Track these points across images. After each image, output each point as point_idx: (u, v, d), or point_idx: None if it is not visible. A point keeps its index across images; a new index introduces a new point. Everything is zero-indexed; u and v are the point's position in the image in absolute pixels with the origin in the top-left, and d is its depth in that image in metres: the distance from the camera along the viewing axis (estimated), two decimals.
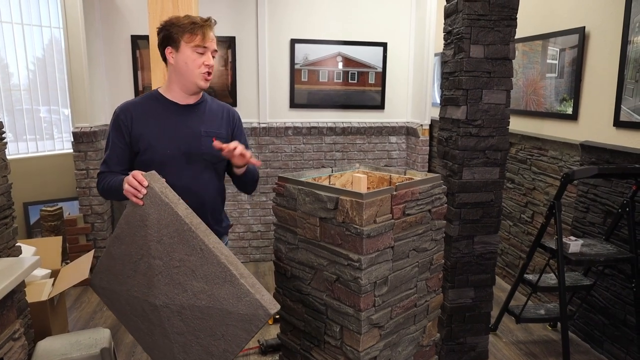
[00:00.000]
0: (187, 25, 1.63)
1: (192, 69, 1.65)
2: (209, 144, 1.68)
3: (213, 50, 1.69)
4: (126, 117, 1.67)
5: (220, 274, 1.36)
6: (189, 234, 1.41)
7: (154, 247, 1.47)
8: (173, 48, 1.66)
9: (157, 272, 1.48)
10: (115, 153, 1.69)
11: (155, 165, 1.64)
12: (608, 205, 2.74)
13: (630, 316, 2.57)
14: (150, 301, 1.52)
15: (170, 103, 1.71)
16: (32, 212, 4.25)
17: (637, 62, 2.54)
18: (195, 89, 1.70)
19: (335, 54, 4.21)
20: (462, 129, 2.34)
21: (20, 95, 4.28)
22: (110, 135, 1.69)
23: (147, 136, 1.66)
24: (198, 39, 1.63)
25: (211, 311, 1.40)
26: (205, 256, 1.39)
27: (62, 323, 2.81)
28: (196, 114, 1.74)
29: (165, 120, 1.69)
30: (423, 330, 1.82)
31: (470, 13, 2.25)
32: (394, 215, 1.57)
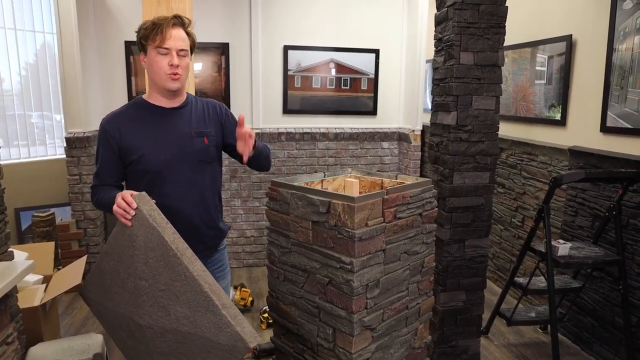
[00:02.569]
0: (149, 27, 1.60)
1: (158, 71, 1.62)
2: (201, 144, 1.69)
3: (178, 49, 1.62)
4: (113, 130, 1.63)
5: (202, 302, 1.36)
6: (174, 259, 1.40)
7: (141, 268, 1.47)
8: (143, 53, 1.65)
9: (143, 292, 1.48)
10: (106, 166, 1.67)
11: (151, 173, 1.64)
12: (596, 209, 2.79)
13: (618, 318, 2.61)
14: (135, 320, 1.52)
15: (156, 108, 1.69)
16: (23, 217, 4.23)
17: (622, 69, 2.60)
18: (165, 91, 1.66)
19: (328, 61, 4.25)
20: (453, 134, 2.38)
21: (12, 100, 4.27)
22: (100, 149, 1.66)
23: (138, 146, 1.63)
24: (158, 39, 1.59)
25: (193, 337, 1.40)
26: (189, 283, 1.39)
27: (54, 329, 2.80)
28: (183, 115, 1.71)
29: (153, 127, 1.66)
30: (415, 332, 1.84)
31: (460, 21, 2.29)
32: (386, 219, 1.59)
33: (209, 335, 1.36)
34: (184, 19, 1.66)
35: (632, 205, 2.53)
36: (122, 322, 1.60)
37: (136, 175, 1.67)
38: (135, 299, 1.51)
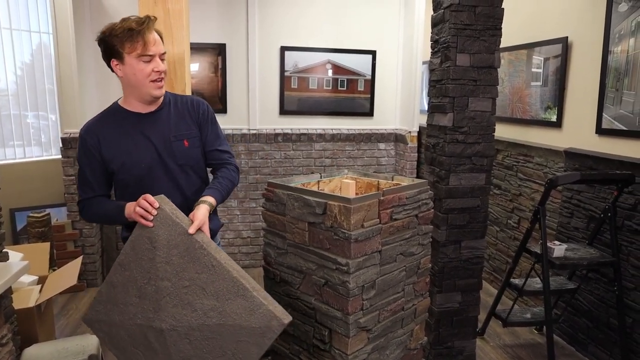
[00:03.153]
0: (124, 34, 1.50)
1: (142, 80, 1.56)
2: (181, 148, 1.65)
3: (161, 54, 1.58)
4: (93, 140, 1.60)
5: (232, 288, 1.35)
6: (200, 251, 1.40)
7: (162, 269, 1.45)
8: (118, 60, 1.56)
9: (165, 294, 1.46)
10: (93, 177, 1.63)
11: (134, 182, 1.62)
12: (591, 210, 2.80)
13: (613, 319, 2.63)
14: (155, 326, 1.49)
15: (133, 115, 1.64)
16: (19, 218, 4.21)
17: (617, 72, 2.61)
18: (150, 98, 1.62)
19: (325, 62, 4.26)
20: (449, 135, 2.38)
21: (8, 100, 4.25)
22: (83, 161, 1.62)
23: (118, 155, 1.60)
24: (139, 46, 1.51)
25: (222, 329, 1.38)
26: (217, 272, 1.37)
27: (49, 330, 2.78)
28: (161, 120, 1.66)
29: (132, 134, 1.62)
30: (410, 333, 1.84)
31: (456, 23, 2.30)
32: (382, 220, 1.60)
33: (240, 322, 1.34)
34: (153, 18, 1.58)
35: (627, 207, 2.54)
36: (137, 336, 1.55)
37: (120, 184, 1.66)
38: (156, 304, 1.48)
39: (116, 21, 1.58)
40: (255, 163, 4.22)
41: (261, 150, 4.22)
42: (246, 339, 1.35)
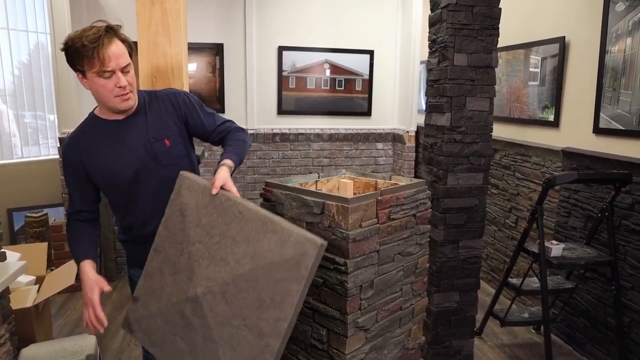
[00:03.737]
0: (80, 50, 1.43)
1: (106, 95, 1.50)
2: (163, 148, 1.62)
3: (122, 67, 1.48)
4: (74, 154, 1.57)
5: (261, 227, 1.34)
6: (227, 203, 1.41)
7: (193, 233, 1.47)
8: (80, 74, 1.50)
9: (198, 256, 1.46)
10: (75, 191, 1.62)
11: (122, 189, 1.61)
12: (589, 210, 2.81)
13: (610, 318, 2.63)
14: (190, 295, 1.45)
15: (110, 123, 1.59)
16: (16, 218, 4.20)
17: (614, 71, 2.62)
18: (118, 111, 1.56)
19: (323, 61, 4.26)
20: (447, 135, 2.39)
21: (5, 100, 4.24)
22: (67, 175, 1.60)
23: (102, 167, 1.58)
24: (96, 64, 1.44)
25: (256, 273, 1.34)
26: (245, 217, 1.37)
27: (46, 330, 2.78)
28: (138, 123, 1.61)
29: (111, 143, 1.58)
30: (408, 333, 1.85)
31: (454, 22, 2.30)
32: (379, 220, 1.60)
33: (273, 258, 1.32)
34: (115, 27, 1.49)
35: (624, 207, 2.55)
36: (174, 320, 1.51)
37: (110, 191, 1.64)
38: (189, 271, 1.47)
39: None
40: (253, 163, 4.22)
41: (259, 150, 4.22)
42: (283, 276, 1.29)
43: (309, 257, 1.26)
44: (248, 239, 1.37)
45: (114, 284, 3.96)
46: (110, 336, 3.07)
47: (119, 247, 4.11)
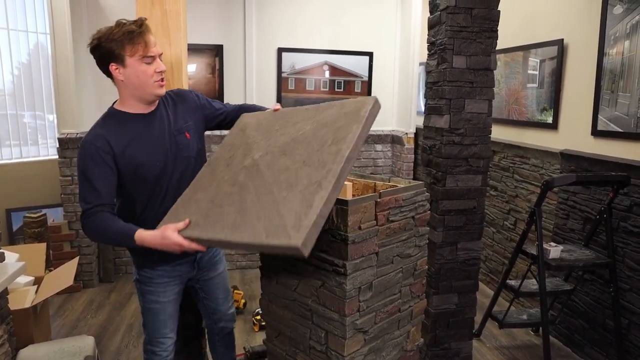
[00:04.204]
0: (125, 37, 1.52)
1: (146, 81, 1.59)
2: (185, 141, 1.72)
3: (160, 54, 1.63)
4: (104, 145, 1.58)
5: (321, 107, 1.46)
6: (287, 109, 1.61)
7: (252, 136, 1.57)
8: (118, 64, 1.57)
9: (256, 142, 1.54)
10: (103, 185, 1.58)
11: (150, 181, 1.65)
12: (587, 212, 2.81)
13: (609, 320, 2.64)
14: (247, 164, 1.47)
15: (135, 116, 1.66)
16: (15, 218, 4.20)
17: (612, 74, 2.63)
18: (154, 98, 1.65)
19: (322, 63, 4.26)
20: (446, 137, 2.39)
21: (5, 100, 4.24)
22: (90, 167, 1.57)
23: (133, 157, 1.61)
24: (141, 48, 1.54)
25: (318, 128, 1.38)
26: (307, 108, 1.48)
27: (45, 331, 2.78)
28: (162, 117, 1.71)
29: (139, 135, 1.64)
30: (407, 335, 1.85)
31: (452, 25, 2.31)
32: (378, 222, 1.60)
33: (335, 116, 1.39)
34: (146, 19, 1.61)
35: (622, 208, 2.55)
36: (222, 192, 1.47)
37: (134, 186, 1.65)
38: (246, 150, 1.53)
39: (110, 24, 1.59)
40: None
41: None
42: (343, 122, 1.34)
43: (367, 104, 1.35)
44: (309, 117, 1.43)
45: (112, 284, 3.96)
46: (108, 337, 3.07)
47: (117, 248, 4.11)
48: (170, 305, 1.86)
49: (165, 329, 1.86)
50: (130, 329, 3.19)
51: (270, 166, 1.40)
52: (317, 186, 1.22)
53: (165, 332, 1.86)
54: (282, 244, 1.15)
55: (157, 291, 1.82)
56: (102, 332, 3.12)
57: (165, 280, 1.82)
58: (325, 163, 1.27)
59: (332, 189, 1.22)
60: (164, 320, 1.85)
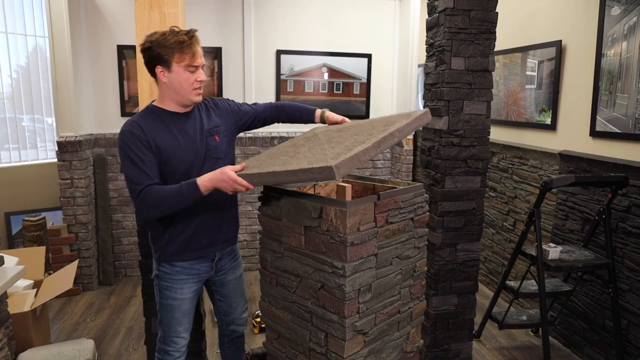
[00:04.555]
0: (175, 46, 1.66)
1: (186, 87, 1.72)
2: (214, 142, 1.84)
3: (203, 65, 1.76)
4: (142, 133, 1.70)
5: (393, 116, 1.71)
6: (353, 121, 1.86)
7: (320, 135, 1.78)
8: (164, 67, 1.70)
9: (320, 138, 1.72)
10: (150, 165, 1.69)
11: (179, 174, 1.74)
12: (586, 212, 2.82)
13: (608, 321, 2.64)
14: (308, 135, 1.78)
15: (171, 114, 1.79)
16: (14, 222, 4.20)
17: (610, 74, 2.63)
18: (190, 103, 1.79)
19: (321, 65, 4.27)
20: (444, 138, 2.39)
21: (3, 103, 4.24)
22: (133, 152, 1.68)
23: (165, 148, 1.73)
24: (188, 58, 1.68)
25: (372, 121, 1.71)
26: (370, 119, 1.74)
27: (44, 334, 2.77)
28: (195, 118, 1.84)
29: (174, 131, 1.77)
30: (407, 336, 1.85)
31: (451, 26, 2.31)
32: (377, 223, 1.60)
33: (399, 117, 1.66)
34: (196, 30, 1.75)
35: (621, 209, 2.56)
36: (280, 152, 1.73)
37: (162, 178, 1.75)
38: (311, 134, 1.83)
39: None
40: None
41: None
42: (395, 119, 1.60)
43: (419, 110, 1.58)
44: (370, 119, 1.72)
45: (112, 287, 3.96)
46: (108, 340, 3.07)
47: (117, 251, 4.11)
48: (187, 303, 1.90)
49: (180, 327, 1.90)
50: (129, 332, 3.18)
51: (326, 135, 1.66)
52: (359, 142, 1.43)
53: (180, 331, 1.91)
54: (319, 166, 1.30)
55: (175, 287, 1.87)
56: (101, 335, 3.12)
57: (183, 277, 1.87)
58: (372, 134, 1.48)
59: (372, 145, 1.40)
60: (180, 318, 1.89)
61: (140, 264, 2.34)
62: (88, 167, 3.87)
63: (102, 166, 3.98)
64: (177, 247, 1.81)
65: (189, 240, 1.84)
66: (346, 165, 1.29)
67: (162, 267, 1.87)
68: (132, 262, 4.15)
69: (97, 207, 4.00)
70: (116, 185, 4.05)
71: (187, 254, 1.84)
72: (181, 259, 1.85)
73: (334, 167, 1.26)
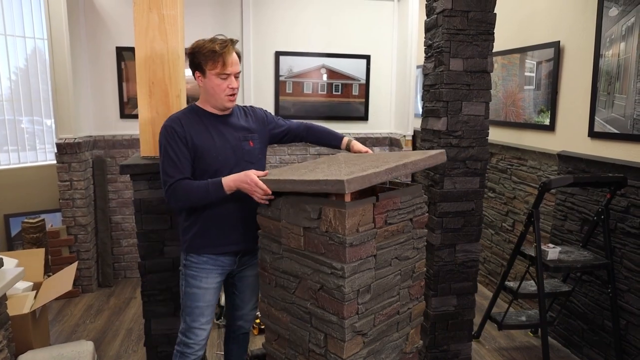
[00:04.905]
0: (208, 54, 1.79)
1: (218, 93, 1.85)
2: (248, 147, 1.94)
3: (236, 73, 1.85)
4: (181, 130, 1.83)
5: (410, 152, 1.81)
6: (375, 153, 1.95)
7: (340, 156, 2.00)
8: (200, 73, 1.86)
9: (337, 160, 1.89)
10: (183, 160, 1.82)
11: (210, 172, 1.85)
12: (585, 213, 2.82)
13: (607, 321, 2.64)
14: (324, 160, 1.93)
15: (210, 115, 1.92)
16: (13, 224, 4.19)
17: (609, 75, 2.64)
18: (223, 108, 1.91)
19: (320, 66, 4.27)
20: (443, 139, 2.40)
21: (2, 105, 4.24)
22: (171, 146, 1.82)
23: (201, 145, 1.84)
24: (219, 66, 1.80)
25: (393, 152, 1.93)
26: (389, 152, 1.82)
27: (44, 336, 2.77)
28: (233, 122, 1.95)
29: (211, 131, 1.88)
30: (406, 337, 1.85)
31: (449, 28, 2.32)
32: (376, 224, 1.60)
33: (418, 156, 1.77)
34: (235, 41, 1.86)
35: (619, 210, 2.56)
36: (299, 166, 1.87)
37: (196, 173, 1.86)
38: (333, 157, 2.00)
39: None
40: None
41: None
42: (411, 153, 1.73)
43: (436, 150, 1.70)
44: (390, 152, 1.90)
45: (111, 289, 3.95)
46: (107, 342, 3.07)
47: (116, 252, 4.11)
48: (210, 294, 1.98)
49: (203, 318, 1.97)
50: (129, 333, 3.18)
51: (346, 158, 1.85)
52: (374, 167, 1.55)
53: (202, 322, 1.97)
54: (332, 179, 1.43)
55: (200, 276, 1.95)
56: (101, 337, 3.11)
57: (208, 267, 1.96)
58: (387, 162, 1.61)
59: (384, 171, 1.51)
60: (203, 308, 1.96)
61: (139, 266, 2.34)
62: (87, 169, 3.87)
63: (101, 168, 3.98)
64: (206, 241, 1.92)
65: (217, 235, 1.93)
66: (357, 182, 1.42)
67: (189, 257, 1.96)
68: (132, 264, 4.15)
69: (97, 209, 4.00)
70: (115, 187, 4.05)
71: (215, 247, 1.94)
72: (208, 252, 1.94)
73: (345, 181, 1.39)
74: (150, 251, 2.33)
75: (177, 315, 2.39)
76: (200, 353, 2.00)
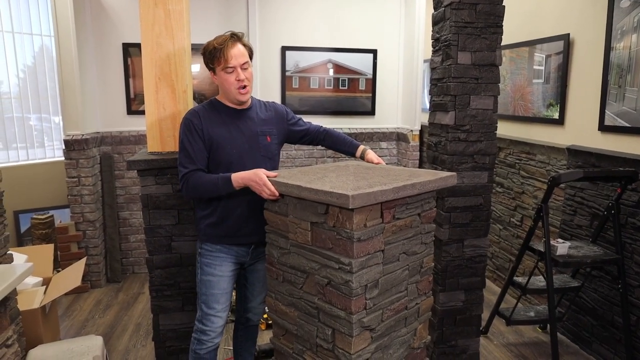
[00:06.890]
0: (212, 52, 1.87)
1: (229, 88, 1.90)
2: (265, 142, 1.98)
3: (241, 64, 1.88)
4: (199, 122, 1.90)
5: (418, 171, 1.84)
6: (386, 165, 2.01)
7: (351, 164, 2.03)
8: (212, 71, 1.94)
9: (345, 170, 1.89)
10: (198, 152, 1.88)
11: (224, 163, 1.90)
12: (594, 207, 2.79)
13: (617, 317, 2.62)
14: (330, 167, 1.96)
15: (229, 109, 1.97)
16: (22, 220, 4.23)
17: (619, 68, 2.60)
18: (237, 102, 1.95)
19: (326, 61, 4.26)
20: (451, 134, 2.38)
21: (11, 103, 4.27)
22: (187, 138, 1.89)
23: (217, 138, 1.90)
24: (222, 61, 1.86)
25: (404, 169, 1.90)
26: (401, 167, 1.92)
27: (53, 331, 2.79)
28: (251, 116, 2.00)
29: (228, 124, 1.94)
30: (414, 332, 1.84)
31: (457, 21, 2.29)
32: (384, 220, 1.60)
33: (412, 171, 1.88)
34: (239, 34, 1.92)
35: (630, 204, 2.53)
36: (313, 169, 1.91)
37: (211, 164, 1.91)
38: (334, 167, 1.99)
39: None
40: None
41: None
42: (422, 173, 1.78)
43: (446, 172, 1.73)
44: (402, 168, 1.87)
45: (120, 284, 3.98)
46: (116, 337, 3.09)
47: (124, 248, 4.13)
48: (224, 281, 2.02)
49: (218, 305, 2.01)
50: (138, 328, 3.20)
51: (356, 169, 1.86)
52: (381, 184, 1.57)
53: (218, 309, 2.01)
54: (338, 192, 1.45)
55: (214, 264, 2.00)
56: (110, 332, 3.14)
57: (222, 255, 2.00)
58: (395, 180, 1.64)
59: (391, 189, 1.53)
60: (218, 296, 2.01)
61: (147, 261, 2.35)
62: (95, 165, 3.89)
63: (109, 164, 4.00)
64: (221, 231, 1.96)
65: (232, 226, 1.96)
66: (362, 199, 1.44)
67: (204, 245, 2.01)
68: (140, 260, 4.17)
69: (105, 204, 4.02)
70: (123, 183, 4.07)
71: (229, 238, 1.98)
72: (223, 242, 1.99)
73: (351, 197, 1.40)
74: (158, 247, 2.33)
75: (185, 311, 2.40)
76: (216, 341, 2.04)
